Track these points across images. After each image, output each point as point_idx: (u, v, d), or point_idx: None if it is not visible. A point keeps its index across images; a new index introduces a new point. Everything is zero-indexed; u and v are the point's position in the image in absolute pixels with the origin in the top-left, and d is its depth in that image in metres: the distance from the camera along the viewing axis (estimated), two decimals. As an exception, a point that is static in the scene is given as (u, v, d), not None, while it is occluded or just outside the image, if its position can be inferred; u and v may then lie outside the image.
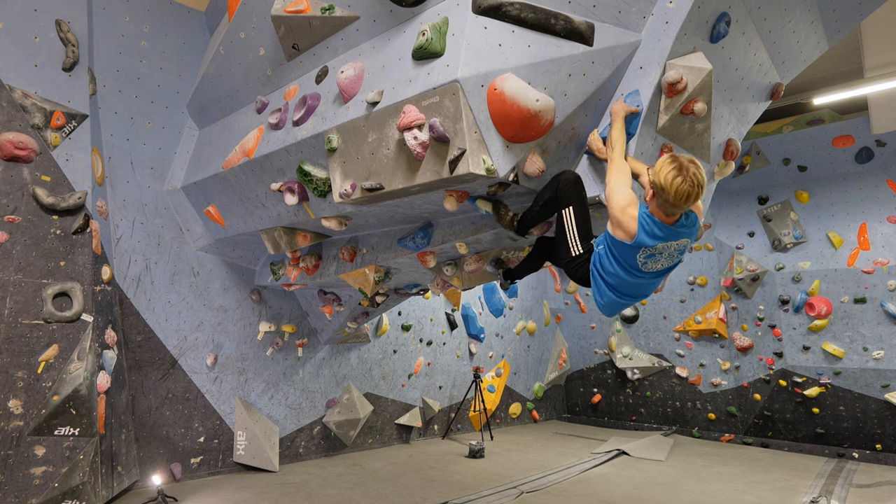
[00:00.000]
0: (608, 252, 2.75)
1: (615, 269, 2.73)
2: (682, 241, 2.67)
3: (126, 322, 5.03)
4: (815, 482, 5.68)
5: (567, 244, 2.96)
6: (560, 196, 3.00)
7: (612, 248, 2.72)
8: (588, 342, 9.62)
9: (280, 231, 4.73)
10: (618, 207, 2.66)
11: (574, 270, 3.00)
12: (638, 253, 2.65)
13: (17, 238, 4.04)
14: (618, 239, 2.67)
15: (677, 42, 3.03)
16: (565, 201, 2.98)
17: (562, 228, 2.99)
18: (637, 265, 2.69)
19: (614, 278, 2.76)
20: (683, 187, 2.42)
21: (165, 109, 5.39)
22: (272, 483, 5.25)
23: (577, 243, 2.93)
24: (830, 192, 7.40)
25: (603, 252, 2.79)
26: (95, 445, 4.02)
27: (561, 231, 3.01)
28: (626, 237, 2.64)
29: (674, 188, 2.43)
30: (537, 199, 3.22)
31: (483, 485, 5.33)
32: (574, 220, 2.94)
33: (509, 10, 2.92)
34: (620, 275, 2.73)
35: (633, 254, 2.66)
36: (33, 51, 4.29)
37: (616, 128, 2.94)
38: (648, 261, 2.68)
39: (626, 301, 2.85)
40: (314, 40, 3.86)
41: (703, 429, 8.27)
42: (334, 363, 6.70)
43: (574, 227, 2.93)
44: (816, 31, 3.87)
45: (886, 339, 6.75)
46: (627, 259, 2.69)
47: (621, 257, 2.69)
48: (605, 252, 2.78)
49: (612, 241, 2.70)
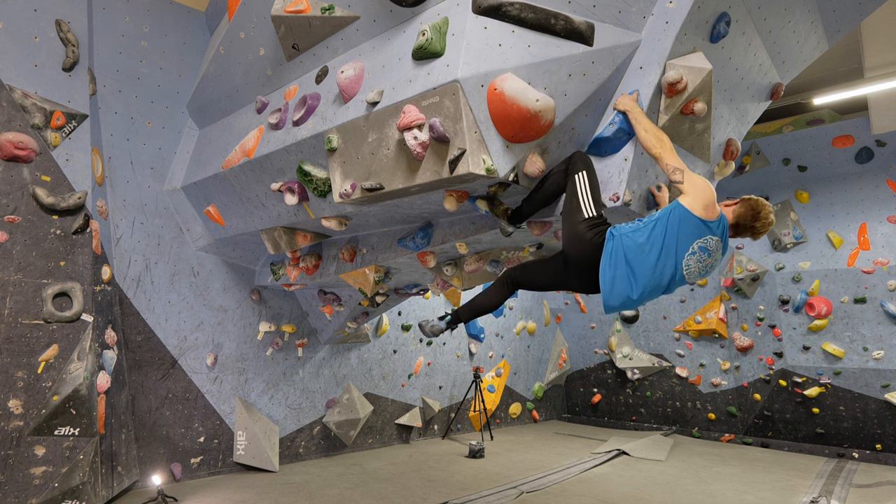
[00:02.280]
0: (664, 223, 2.69)
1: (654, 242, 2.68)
2: (716, 257, 2.77)
3: (126, 322, 5.03)
4: (815, 482, 5.68)
5: (579, 204, 2.91)
6: (570, 167, 3.03)
7: (680, 219, 2.67)
8: (588, 342, 9.62)
9: (280, 231, 4.73)
10: (705, 192, 2.70)
11: (584, 232, 2.85)
12: (699, 238, 2.68)
13: (17, 238, 4.04)
14: (693, 213, 2.66)
15: (677, 42, 3.03)
16: (577, 168, 2.99)
17: (573, 192, 2.96)
18: (685, 251, 2.68)
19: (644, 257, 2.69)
20: (770, 219, 2.80)
21: (165, 109, 5.39)
22: (272, 483, 5.25)
23: (590, 205, 2.90)
24: (830, 192, 7.40)
25: (650, 225, 2.73)
26: (95, 445, 4.02)
27: (572, 195, 2.97)
28: (708, 213, 2.67)
29: (767, 216, 2.78)
30: (543, 178, 3.21)
31: (483, 485, 5.33)
32: (588, 183, 2.93)
33: (509, 10, 2.92)
34: (652, 256, 2.68)
35: (695, 235, 2.68)
36: (33, 51, 4.29)
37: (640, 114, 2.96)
38: (696, 254, 2.70)
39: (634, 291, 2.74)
40: (314, 40, 3.86)
41: (703, 429, 8.27)
42: (334, 363, 6.70)
43: (588, 189, 2.92)
44: (816, 31, 3.87)
45: (886, 339, 6.75)
46: (683, 237, 2.67)
47: (679, 233, 2.67)
48: (656, 225, 2.71)
49: (683, 213, 2.67)
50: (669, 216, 2.70)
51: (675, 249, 2.69)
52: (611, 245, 2.78)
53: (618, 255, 2.75)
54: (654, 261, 2.70)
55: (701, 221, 2.68)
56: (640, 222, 2.82)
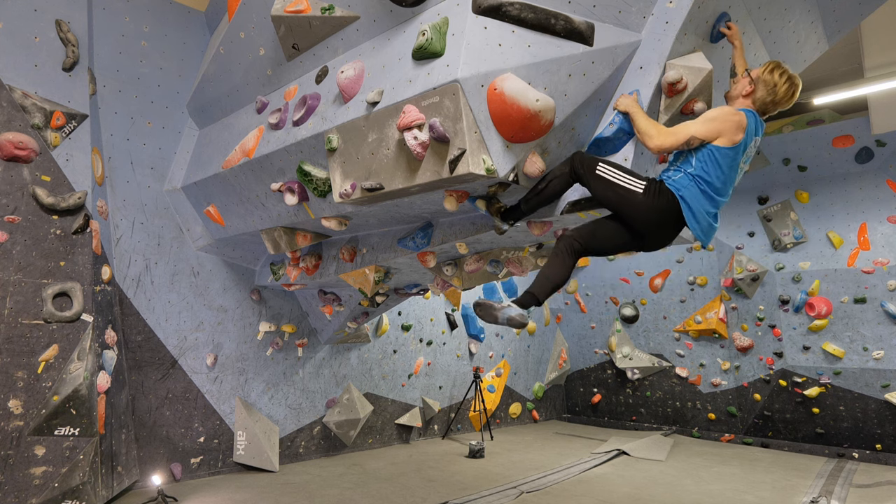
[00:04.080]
0: (714, 164, 2.77)
1: (722, 175, 2.79)
2: (757, 142, 2.89)
3: (126, 322, 5.03)
4: (815, 482, 5.68)
5: (625, 188, 2.81)
6: (577, 169, 2.94)
7: (720, 157, 2.76)
8: (588, 342, 9.62)
9: (280, 231, 4.73)
10: (724, 120, 2.75)
11: (653, 206, 2.79)
12: (745, 152, 2.81)
13: (17, 238, 4.04)
14: (725, 147, 2.75)
15: (677, 42, 3.03)
16: (590, 165, 2.90)
17: (609, 186, 2.85)
18: (738, 165, 2.83)
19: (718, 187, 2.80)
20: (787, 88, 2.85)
21: (165, 109, 5.39)
22: (272, 483, 5.25)
23: (632, 181, 2.82)
24: (830, 192, 7.39)
25: (702, 168, 2.79)
26: (95, 445, 4.02)
27: (610, 189, 2.85)
28: (738, 134, 2.75)
29: (781, 86, 2.83)
30: (542, 178, 3.11)
31: (483, 485, 5.33)
32: (612, 167, 2.86)
33: (509, 10, 2.92)
34: (725, 182, 2.81)
35: (740, 153, 2.79)
36: (33, 51, 4.29)
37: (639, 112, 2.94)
38: (745, 162, 2.87)
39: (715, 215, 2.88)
40: (314, 40, 3.86)
41: (703, 429, 8.27)
42: (334, 363, 6.71)
43: (617, 171, 2.85)
44: (816, 31, 3.87)
45: (886, 339, 6.75)
46: (732, 164, 2.79)
47: (725, 164, 2.77)
48: (705, 166, 2.78)
49: (721, 151, 2.76)
50: (716, 156, 2.79)
51: (733, 168, 2.83)
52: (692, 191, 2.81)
53: (698, 197, 2.81)
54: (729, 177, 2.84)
55: (740, 144, 2.78)
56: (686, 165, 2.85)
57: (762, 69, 2.88)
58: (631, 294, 9.07)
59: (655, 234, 2.94)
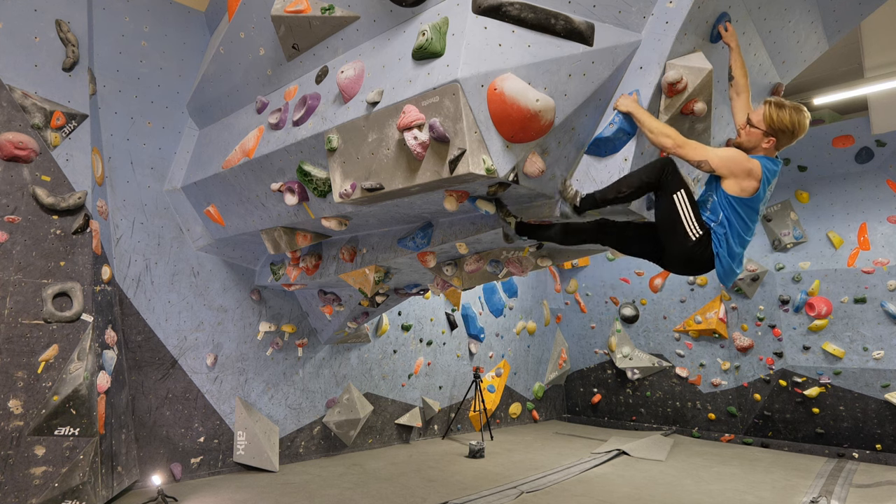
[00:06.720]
0: (735, 214, 2.79)
1: (745, 225, 2.82)
2: (774, 182, 2.91)
3: (126, 322, 5.03)
4: (815, 482, 5.68)
5: (684, 228, 2.82)
6: (664, 181, 2.86)
7: (739, 208, 2.78)
8: (588, 342, 9.62)
9: (280, 231, 4.73)
10: (738, 163, 2.76)
11: (695, 255, 2.86)
12: (762, 200, 2.83)
13: (17, 238, 4.04)
14: (743, 198, 2.77)
15: (677, 42, 3.03)
16: (675, 185, 2.84)
17: (673, 215, 2.84)
18: (758, 209, 2.84)
19: (742, 236, 2.83)
20: (805, 122, 2.85)
21: (165, 109, 5.39)
22: (272, 483, 5.25)
23: (694, 226, 2.83)
24: (830, 192, 7.39)
25: (727, 218, 2.81)
26: (95, 445, 4.02)
27: (672, 218, 2.85)
28: (752, 182, 2.76)
29: (800, 124, 2.84)
30: (624, 182, 3.00)
31: (483, 485, 5.33)
32: (688, 202, 2.83)
33: (509, 10, 2.92)
34: (748, 228, 2.83)
35: (757, 202, 2.80)
36: (33, 51, 4.29)
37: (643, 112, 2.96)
38: (763, 205, 2.87)
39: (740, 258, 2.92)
40: (314, 40, 3.86)
41: (703, 429, 8.27)
42: (334, 363, 6.70)
43: (690, 209, 2.83)
44: (816, 31, 3.87)
45: (886, 339, 6.75)
46: (752, 213, 2.82)
47: (746, 214, 2.80)
48: (729, 217, 2.81)
49: (739, 201, 2.77)
50: (737, 208, 2.81)
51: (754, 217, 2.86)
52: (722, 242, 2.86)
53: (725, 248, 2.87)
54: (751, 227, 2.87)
55: (758, 194, 2.79)
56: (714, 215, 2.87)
57: (767, 117, 2.82)
58: (631, 294, 9.07)
59: (677, 266, 3.06)
